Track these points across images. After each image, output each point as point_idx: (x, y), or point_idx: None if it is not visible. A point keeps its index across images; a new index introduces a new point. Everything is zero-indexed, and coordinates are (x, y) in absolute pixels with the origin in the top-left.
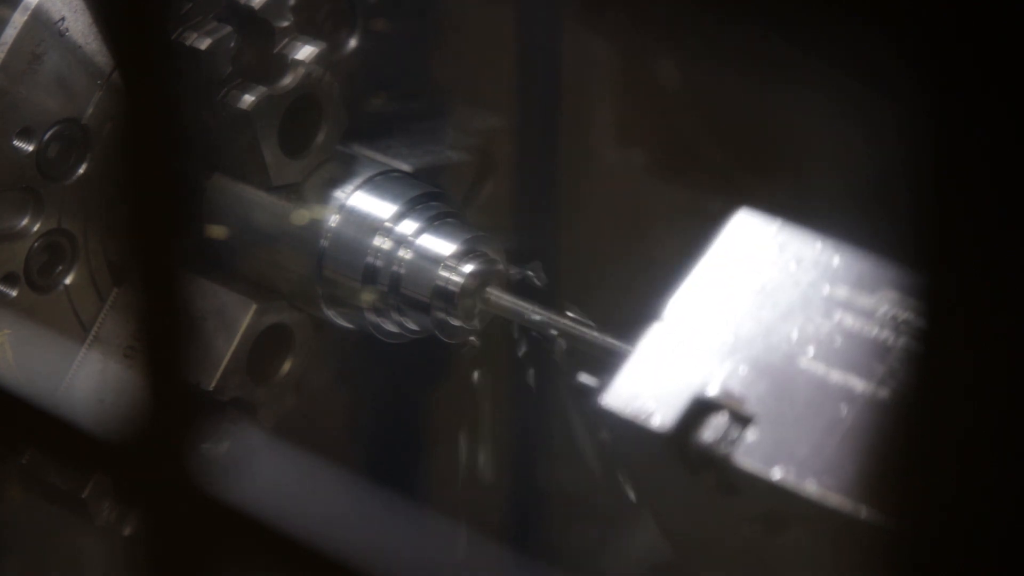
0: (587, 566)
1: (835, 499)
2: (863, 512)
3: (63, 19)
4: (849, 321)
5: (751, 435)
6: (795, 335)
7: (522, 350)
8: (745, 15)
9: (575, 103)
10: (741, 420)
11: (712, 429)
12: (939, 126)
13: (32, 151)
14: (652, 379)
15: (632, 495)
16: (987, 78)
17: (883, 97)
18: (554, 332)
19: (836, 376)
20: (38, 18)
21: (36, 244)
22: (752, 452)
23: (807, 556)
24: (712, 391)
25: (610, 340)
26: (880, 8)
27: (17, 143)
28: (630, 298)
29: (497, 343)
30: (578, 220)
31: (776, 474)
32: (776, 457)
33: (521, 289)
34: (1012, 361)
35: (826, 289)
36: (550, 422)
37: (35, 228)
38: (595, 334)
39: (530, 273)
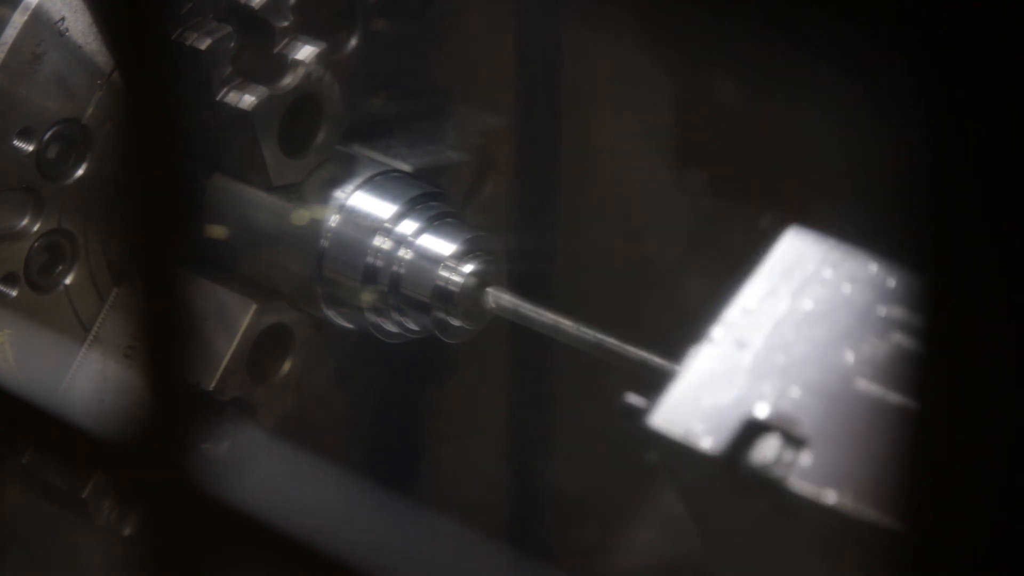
0: (587, 566)
1: (893, 523)
2: (914, 534)
3: (63, 19)
4: (906, 343)
5: (806, 458)
6: (850, 356)
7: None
8: (742, 16)
9: (575, 103)
10: (795, 442)
11: (765, 451)
12: (934, 125)
13: (32, 151)
14: (702, 400)
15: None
16: (982, 78)
17: (883, 100)
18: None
19: (895, 398)
20: (38, 18)
21: (36, 244)
22: (807, 475)
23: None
24: (763, 413)
25: (657, 359)
26: (878, 11)
27: (17, 143)
28: (630, 297)
29: (497, 343)
30: (577, 220)
31: (831, 498)
32: (832, 480)
33: (522, 289)
34: (1006, 358)
35: (882, 310)
36: (550, 422)
37: (35, 228)
38: (644, 354)
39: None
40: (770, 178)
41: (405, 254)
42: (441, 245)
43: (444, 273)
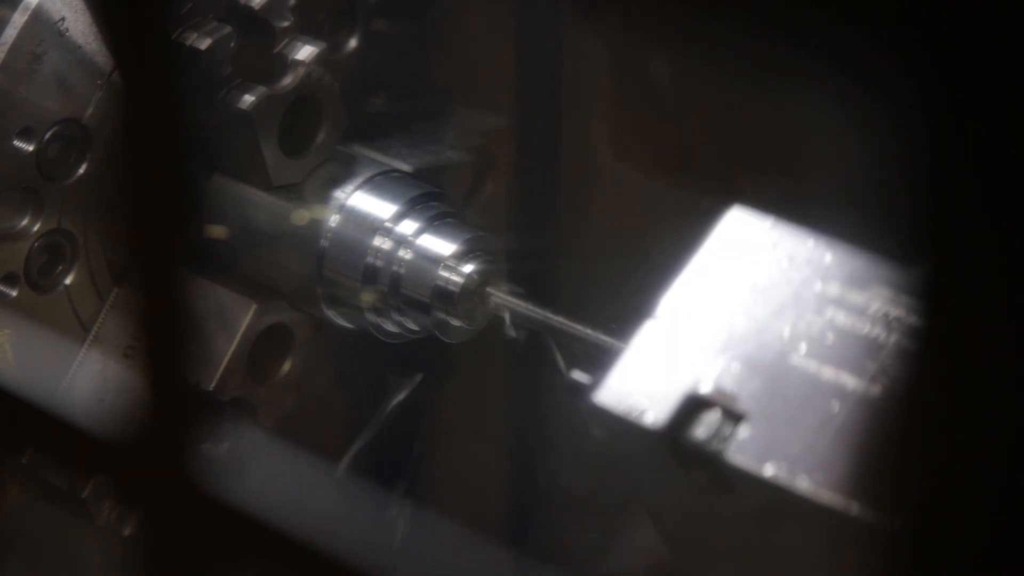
0: (587, 566)
1: (827, 496)
2: (855, 509)
3: (63, 19)
4: (841, 318)
5: (743, 432)
6: (787, 332)
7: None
8: (743, 17)
9: (575, 103)
10: (733, 417)
11: (705, 426)
12: (934, 125)
13: (32, 151)
14: (645, 376)
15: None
16: (982, 77)
17: (879, 96)
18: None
19: (828, 373)
20: (38, 18)
21: (36, 244)
22: (744, 449)
23: (800, 553)
24: (705, 388)
25: (603, 337)
26: (875, 8)
27: (17, 143)
28: (630, 297)
29: (497, 343)
30: (578, 220)
31: (768, 471)
32: (768, 454)
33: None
34: (1005, 357)
35: (818, 286)
36: (550, 422)
37: (35, 228)
38: (588, 331)
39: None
40: (772, 178)
41: (405, 254)
42: (441, 245)
43: (444, 273)
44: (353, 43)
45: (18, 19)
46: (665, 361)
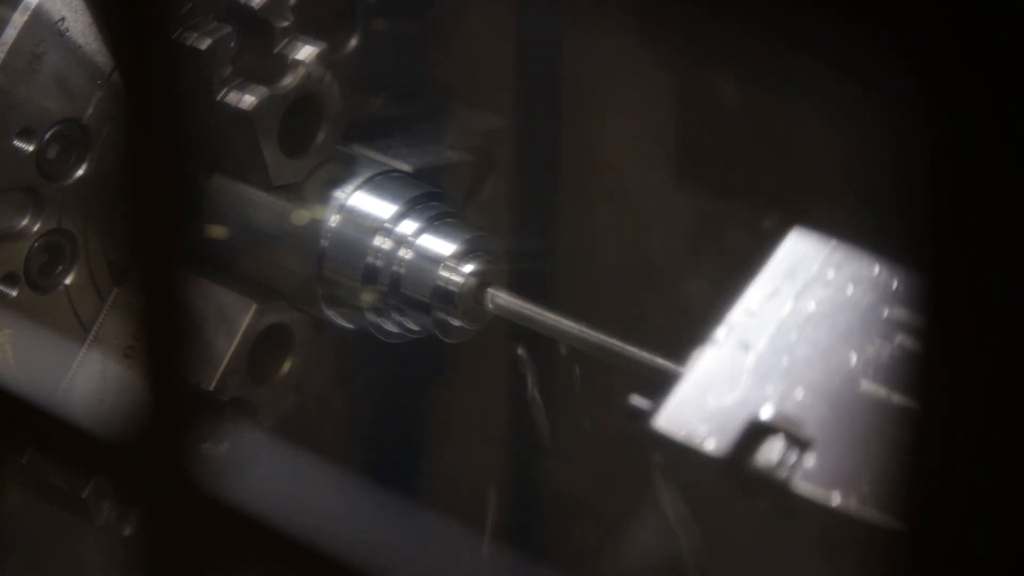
0: (587, 566)
1: (894, 523)
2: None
3: (63, 19)
4: (910, 344)
5: (810, 460)
6: (853, 358)
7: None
8: (745, 16)
9: (575, 103)
10: (799, 444)
11: (769, 453)
12: (934, 125)
13: (32, 151)
14: (706, 402)
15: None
16: (982, 77)
17: (883, 100)
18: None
19: (897, 399)
20: (38, 18)
21: (36, 244)
22: (811, 477)
23: (803, 553)
24: (768, 414)
25: (661, 361)
26: (878, 11)
27: (17, 143)
28: (629, 298)
29: (497, 343)
30: (578, 220)
31: (836, 499)
32: (836, 482)
33: (523, 289)
34: (1005, 357)
35: (885, 311)
36: (550, 422)
37: (35, 228)
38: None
39: None
40: (770, 178)
41: (405, 254)
42: (441, 245)
43: (444, 273)
44: (353, 43)
45: (18, 19)
46: (726, 386)
